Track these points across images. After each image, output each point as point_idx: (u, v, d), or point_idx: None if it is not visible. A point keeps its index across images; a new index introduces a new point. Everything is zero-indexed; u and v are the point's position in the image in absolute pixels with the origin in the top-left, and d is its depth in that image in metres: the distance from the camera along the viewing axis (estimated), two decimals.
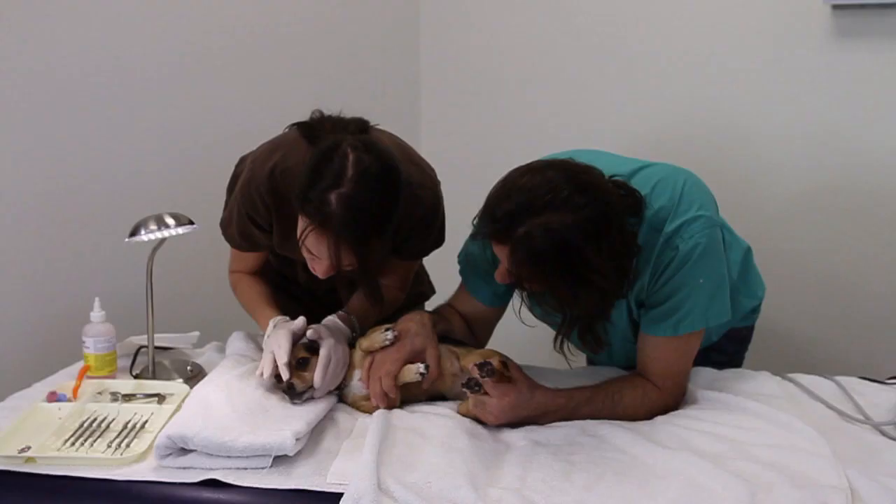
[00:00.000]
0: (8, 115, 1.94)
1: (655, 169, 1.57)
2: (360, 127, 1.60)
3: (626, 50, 2.64)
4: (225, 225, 1.73)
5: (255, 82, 2.49)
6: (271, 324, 1.62)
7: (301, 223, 1.47)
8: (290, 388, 1.50)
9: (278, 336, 1.55)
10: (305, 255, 1.51)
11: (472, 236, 1.49)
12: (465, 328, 1.73)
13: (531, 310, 1.52)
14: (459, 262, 1.73)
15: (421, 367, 1.52)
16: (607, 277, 1.38)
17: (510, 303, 1.67)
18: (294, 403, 1.50)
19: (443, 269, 1.84)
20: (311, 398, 1.52)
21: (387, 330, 1.56)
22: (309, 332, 1.56)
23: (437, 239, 1.74)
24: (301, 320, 1.59)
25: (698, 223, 1.49)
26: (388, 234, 1.48)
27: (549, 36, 2.73)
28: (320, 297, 1.80)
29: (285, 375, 1.49)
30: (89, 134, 2.11)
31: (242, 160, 1.72)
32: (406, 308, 1.77)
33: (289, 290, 1.87)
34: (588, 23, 2.67)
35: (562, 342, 1.48)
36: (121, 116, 2.18)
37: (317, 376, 1.50)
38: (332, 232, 1.42)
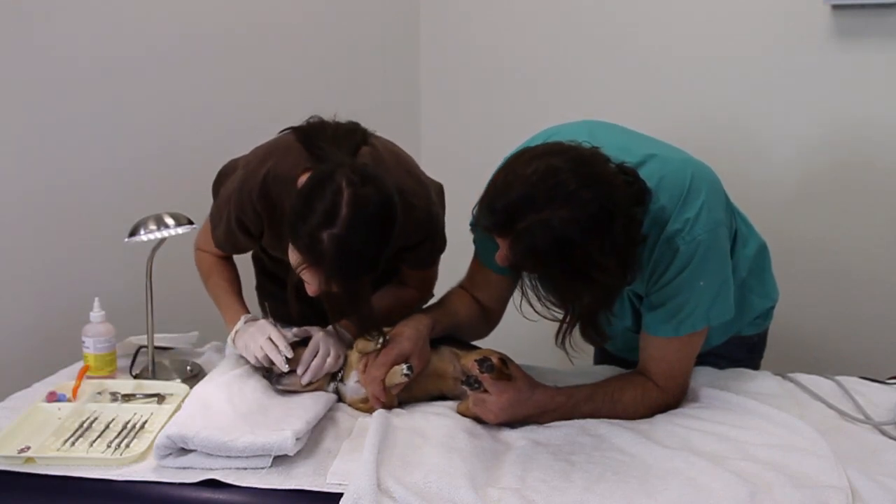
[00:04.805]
0: (8, 115, 1.93)
1: (664, 160, 1.52)
2: (361, 137, 1.59)
3: (626, 51, 2.64)
4: (212, 226, 1.72)
5: (255, 82, 2.49)
6: (242, 320, 1.65)
7: (294, 255, 1.47)
8: (269, 371, 1.56)
9: (266, 329, 1.58)
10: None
11: (472, 225, 1.46)
12: (475, 311, 1.71)
13: (532, 305, 1.45)
14: (473, 230, 1.69)
15: (404, 367, 1.51)
16: (610, 273, 1.35)
17: (510, 298, 1.66)
18: (276, 390, 1.55)
19: (443, 271, 1.84)
20: (294, 391, 1.55)
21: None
22: (295, 329, 1.60)
23: (441, 245, 1.73)
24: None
25: (700, 224, 1.46)
26: (380, 266, 1.47)
27: (549, 36, 2.73)
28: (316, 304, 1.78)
29: (284, 368, 1.54)
30: (89, 134, 2.11)
31: (232, 162, 1.71)
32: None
33: (280, 293, 1.86)
34: (588, 23, 2.67)
35: (563, 337, 1.43)
36: (120, 116, 2.18)
37: (302, 361, 1.54)
38: (323, 270, 1.42)
